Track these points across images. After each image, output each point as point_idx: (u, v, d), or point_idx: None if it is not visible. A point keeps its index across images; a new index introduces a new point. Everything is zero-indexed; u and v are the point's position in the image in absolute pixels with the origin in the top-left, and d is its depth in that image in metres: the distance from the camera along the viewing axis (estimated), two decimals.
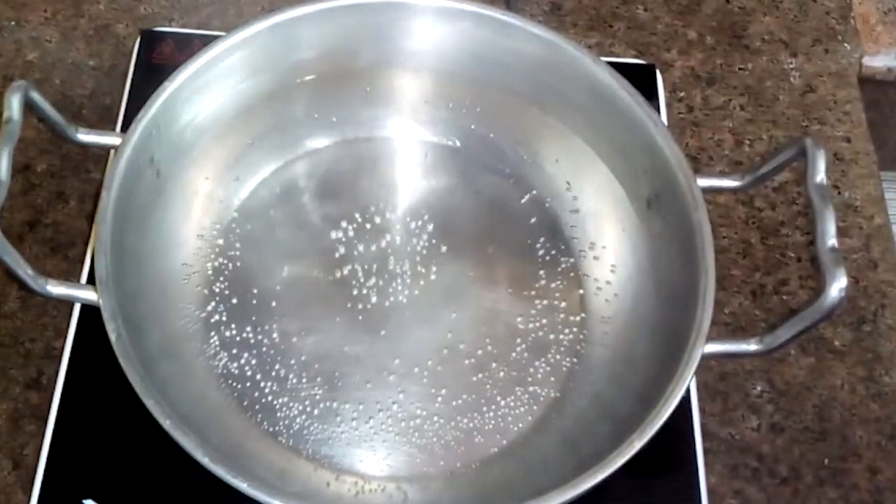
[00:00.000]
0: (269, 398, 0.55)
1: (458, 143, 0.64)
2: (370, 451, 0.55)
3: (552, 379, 0.57)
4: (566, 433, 0.55)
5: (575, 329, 0.58)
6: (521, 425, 0.56)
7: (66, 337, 0.57)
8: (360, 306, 0.58)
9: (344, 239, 0.60)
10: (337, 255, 0.60)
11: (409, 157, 0.64)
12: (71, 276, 0.60)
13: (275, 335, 0.57)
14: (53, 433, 0.54)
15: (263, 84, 0.60)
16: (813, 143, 0.52)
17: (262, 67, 0.59)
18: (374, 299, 0.59)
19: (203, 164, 0.59)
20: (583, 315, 0.59)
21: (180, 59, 0.56)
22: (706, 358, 0.49)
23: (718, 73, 0.72)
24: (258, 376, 0.56)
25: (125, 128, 0.54)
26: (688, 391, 0.55)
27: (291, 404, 0.55)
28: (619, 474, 0.46)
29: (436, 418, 0.55)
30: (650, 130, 0.55)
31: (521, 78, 0.60)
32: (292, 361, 0.56)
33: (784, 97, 0.71)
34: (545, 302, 0.59)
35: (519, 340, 0.58)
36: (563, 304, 0.59)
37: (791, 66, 0.72)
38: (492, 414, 0.56)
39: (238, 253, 0.60)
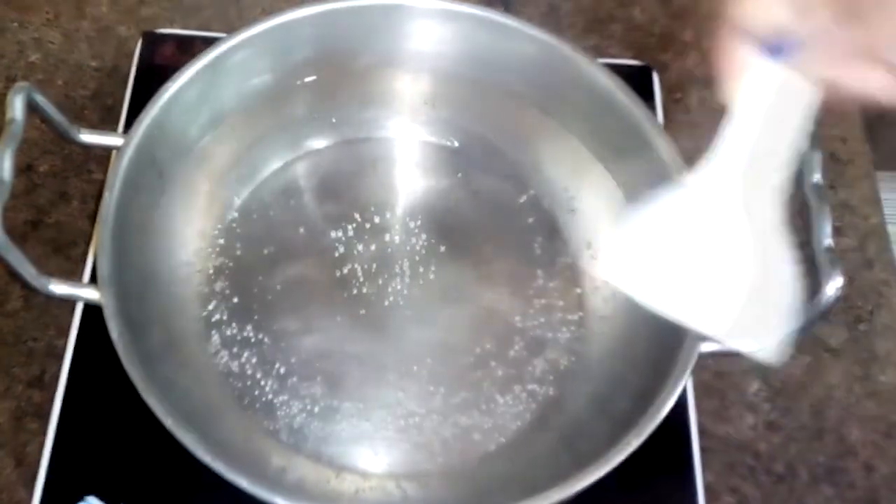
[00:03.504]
0: (270, 396, 0.56)
1: (456, 144, 0.64)
2: (370, 449, 0.55)
3: (550, 377, 0.57)
4: (564, 431, 0.55)
5: (573, 327, 0.59)
6: (519, 423, 0.56)
7: (68, 336, 0.58)
8: (359, 305, 0.59)
9: (344, 239, 0.61)
10: (337, 254, 0.60)
11: (409, 157, 0.65)
12: (73, 276, 0.60)
13: (275, 334, 0.57)
14: (56, 431, 0.55)
15: (264, 85, 0.60)
16: (809, 144, 0.52)
17: (262, 69, 0.59)
18: (373, 298, 0.59)
19: (204, 164, 0.59)
20: (581, 314, 0.59)
21: (182, 61, 0.56)
22: (703, 356, 0.49)
23: (715, 74, 0.72)
24: (259, 375, 0.56)
25: (127, 128, 0.54)
26: (685, 389, 0.56)
27: (292, 402, 0.55)
28: (617, 472, 0.47)
29: (435, 416, 0.56)
30: (647, 131, 0.56)
31: (519, 79, 0.60)
32: (293, 360, 0.57)
33: None
34: (543, 301, 0.60)
35: (517, 339, 0.58)
36: (561, 303, 0.59)
37: None
38: (490, 412, 0.56)
39: (239, 252, 0.60)
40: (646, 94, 0.65)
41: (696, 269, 0.43)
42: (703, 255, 0.43)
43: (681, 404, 0.55)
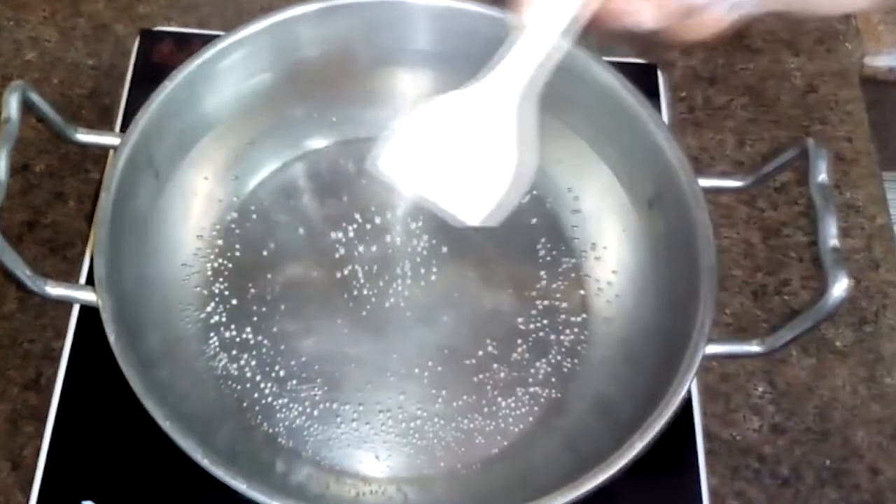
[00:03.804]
0: (269, 399, 0.55)
1: None
2: (370, 453, 0.54)
3: (553, 380, 0.57)
4: (567, 434, 0.55)
5: (576, 330, 0.58)
6: (521, 426, 0.55)
7: (64, 338, 0.57)
8: (360, 307, 0.58)
9: (344, 239, 0.60)
10: (337, 255, 0.60)
11: None
12: (70, 277, 0.60)
13: (275, 336, 0.57)
14: (52, 434, 0.54)
15: (263, 84, 0.59)
16: (815, 144, 0.52)
17: (261, 67, 0.59)
18: (374, 300, 0.58)
19: (202, 164, 0.59)
20: (584, 316, 0.59)
21: (179, 59, 0.55)
22: (708, 359, 0.49)
23: (720, 73, 0.71)
24: (258, 377, 0.56)
25: (124, 128, 0.54)
26: (689, 392, 0.55)
27: (291, 405, 0.55)
28: (621, 475, 0.46)
29: (436, 419, 0.55)
30: (652, 130, 0.55)
31: None
32: (292, 362, 0.56)
33: (786, 97, 0.71)
34: (546, 302, 0.59)
35: (520, 341, 0.58)
36: (565, 305, 0.59)
37: (793, 65, 0.72)
38: (492, 415, 0.56)
39: (238, 253, 0.59)
40: (651, 93, 0.64)
41: (460, 160, 0.49)
42: (465, 147, 0.49)
43: (685, 407, 0.54)
